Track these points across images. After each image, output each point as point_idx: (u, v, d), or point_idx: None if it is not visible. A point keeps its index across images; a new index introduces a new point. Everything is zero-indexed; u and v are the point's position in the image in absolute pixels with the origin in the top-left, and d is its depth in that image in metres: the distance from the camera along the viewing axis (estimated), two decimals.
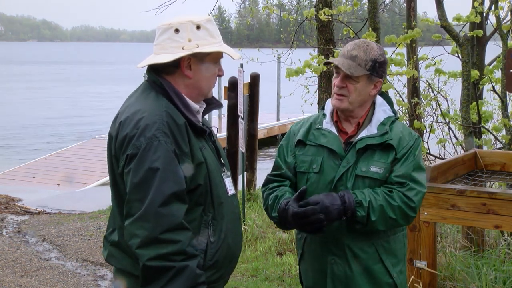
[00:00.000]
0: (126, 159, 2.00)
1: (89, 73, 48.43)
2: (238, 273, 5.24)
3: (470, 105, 5.73)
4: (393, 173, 2.36)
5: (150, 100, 2.11)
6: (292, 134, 2.57)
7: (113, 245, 2.16)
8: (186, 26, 2.11)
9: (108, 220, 2.28)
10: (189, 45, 2.10)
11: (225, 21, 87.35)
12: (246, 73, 6.66)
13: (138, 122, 2.02)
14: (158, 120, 2.02)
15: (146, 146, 1.97)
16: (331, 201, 2.27)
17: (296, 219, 2.29)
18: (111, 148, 2.12)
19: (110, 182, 2.16)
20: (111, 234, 2.19)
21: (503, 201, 3.30)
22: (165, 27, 2.14)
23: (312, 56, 6.65)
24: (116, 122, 2.13)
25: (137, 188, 1.96)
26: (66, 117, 22.50)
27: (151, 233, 1.92)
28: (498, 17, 6.57)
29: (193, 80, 2.16)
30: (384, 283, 2.41)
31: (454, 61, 6.82)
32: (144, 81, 2.24)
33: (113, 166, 2.11)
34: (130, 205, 1.98)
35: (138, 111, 2.06)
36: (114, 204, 2.16)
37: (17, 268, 5.61)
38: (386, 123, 2.43)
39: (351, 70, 2.36)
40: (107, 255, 2.19)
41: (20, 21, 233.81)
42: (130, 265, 2.09)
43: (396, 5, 29.93)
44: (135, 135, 2.00)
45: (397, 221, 2.34)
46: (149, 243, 1.92)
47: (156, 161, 1.96)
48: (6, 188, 9.58)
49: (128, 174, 1.99)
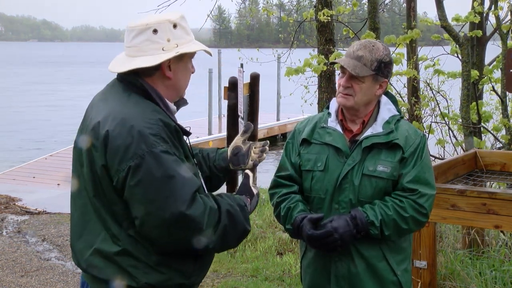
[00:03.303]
0: (129, 171, 1.90)
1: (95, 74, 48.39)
2: (238, 273, 5.24)
3: (470, 105, 5.74)
4: (404, 178, 2.36)
5: (132, 103, 2.01)
6: (298, 133, 2.58)
7: (96, 254, 2.02)
8: (164, 25, 2.05)
9: (73, 228, 2.13)
10: (168, 45, 2.05)
11: (225, 21, 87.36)
12: (246, 73, 6.66)
13: (130, 130, 1.91)
14: (153, 125, 1.94)
15: (150, 155, 1.89)
16: (344, 227, 2.30)
17: (311, 241, 2.36)
18: (92, 157, 1.98)
19: (89, 193, 2.02)
20: (88, 244, 2.05)
21: (503, 201, 3.30)
22: (141, 27, 2.04)
23: (312, 56, 6.65)
24: (92, 128, 2.00)
25: (155, 199, 1.89)
26: (66, 117, 22.48)
27: (188, 235, 1.93)
28: (498, 17, 6.58)
29: (173, 81, 2.10)
30: (388, 281, 2.41)
31: (453, 61, 6.82)
32: (115, 82, 2.12)
33: (94, 176, 1.98)
34: (149, 215, 1.90)
35: (125, 118, 1.95)
36: (93, 213, 2.03)
37: (17, 268, 5.61)
38: (391, 122, 2.44)
39: (357, 70, 2.37)
40: (87, 266, 2.04)
41: (20, 21, 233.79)
42: (112, 274, 2.00)
43: (396, 5, 29.93)
44: (132, 143, 1.90)
45: (410, 229, 2.39)
46: (198, 234, 1.93)
47: (169, 169, 1.90)
48: (6, 188, 9.57)
49: (137, 186, 1.90)
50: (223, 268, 5.35)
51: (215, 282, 5.04)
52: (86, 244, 2.05)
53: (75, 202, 2.13)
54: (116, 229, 1.99)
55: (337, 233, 2.29)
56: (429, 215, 2.40)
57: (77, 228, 2.10)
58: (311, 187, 2.47)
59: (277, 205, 2.54)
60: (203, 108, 14.87)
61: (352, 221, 2.31)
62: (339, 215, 2.35)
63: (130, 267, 1.99)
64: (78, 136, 2.12)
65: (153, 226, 1.92)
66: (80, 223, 2.09)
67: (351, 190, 2.39)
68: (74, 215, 2.13)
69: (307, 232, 2.34)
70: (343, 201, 2.40)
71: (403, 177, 2.36)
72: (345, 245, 2.34)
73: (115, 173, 1.93)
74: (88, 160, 2.00)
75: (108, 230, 2.00)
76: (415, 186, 2.35)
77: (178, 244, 1.98)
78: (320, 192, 2.44)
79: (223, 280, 5.08)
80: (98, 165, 1.96)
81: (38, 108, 25.13)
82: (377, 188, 2.37)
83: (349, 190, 2.39)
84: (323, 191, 2.43)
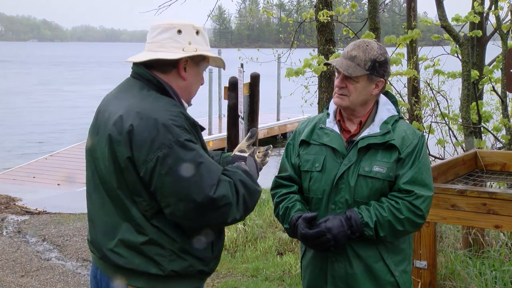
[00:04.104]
0: (157, 161, 1.98)
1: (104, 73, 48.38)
2: (238, 273, 5.24)
3: (470, 105, 5.74)
4: (400, 179, 2.36)
5: (152, 98, 2.09)
6: (298, 134, 2.60)
7: (120, 245, 2.09)
8: (189, 29, 2.17)
9: (92, 223, 2.20)
10: (189, 47, 2.16)
11: (225, 21, 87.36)
12: (246, 73, 6.66)
13: (155, 123, 1.99)
14: (176, 117, 2.03)
15: (177, 143, 1.98)
16: (338, 227, 2.31)
17: (305, 240, 2.38)
18: (114, 151, 2.05)
19: (113, 185, 2.09)
20: (110, 235, 2.12)
21: (503, 201, 3.30)
22: (166, 26, 2.16)
23: (312, 56, 6.65)
24: (113, 124, 2.06)
25: (186, 185, 1.98)
26: (67, 118, 22.50)
27: (217, 221, 2.05)
28: (498, 17, 6.58)
29: (187, 83, 2.20)
30: (385, 282, 2.41)
31: (454, 61, 6.82)
32: (131, 80, 2.20)
33: (117, 169, 2.06)
34: (182, 201, 1.99)
35: (148, 112, 2.02)
36: (114, 205, 2.10)
37: (17, 268, 5.62)
38: (389, 122, 2.44)
39: (349, 70, 2.37)
40: (112, 256, 2.11)
41: (20, 21, 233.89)
42: (139, 263, 2.08)
43: (396, 5, 29.96)
44: (158, 135, 1.98)
45: (407, 231, 2.38)
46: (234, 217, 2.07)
47: (196, 155, 2.00)
48: (6, 188, 9.58)
49: (167, 174, 1.98)
50: (223, 268, 5.35)
51: (215, 282, 5.05)
52: (108, 236, 2.12)
53: (91, 198, 2.21)
54: (140, 219, 2.07)
55: (330, 233, 2.30)
56: (425, 216, 2.39)
57: (97, 222, 2.17)
58: (309, 188, 2.48)
59: (276, 205, 2.56)
60: (203, 108, 14.88)
61: (346, 222, 2.32)
62: (334, 215, 2.35)
63: (156, 256, 2.07)
64: (92, 134, 2.19)
65: (187, 212, 2.01)
66: (99, 217, 2.16)
67: (347, 191, 2.39)
68: (92, 210, 2.21)
69: (301, 231, 2.36)
70: (339, 201, 2.40)
71: (400, 178, 2.36)
72: (339, 246, 2.34)
73: (142, 164, 2.00)
74: (110, 154, 2.07)
75: (131, 220, 2.07)
76: (411, 187, 2.34)
77: (212, 224, 2.09)
78: (317, 193, 2.45)
79: (223, 280, 5.08)
80: (122, 158, 2.04)
81: (38, 109, 25.14)
82: (373, 189, 2.37)
83: (345, 190, 2.39)
84: (321, 191, 2.44)
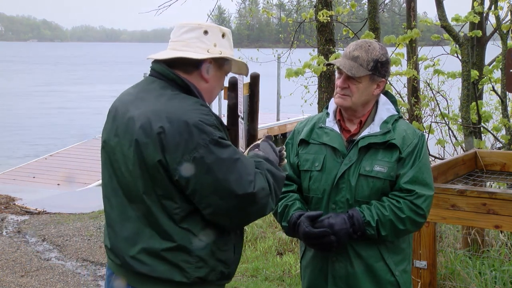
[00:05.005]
0: (194, 161, 1.93)
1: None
2: (238, 273, 5.24)
3: (470, 105, 5.74)
4: (401, 178, 2.36)
5: (179, 98, 2.04)
6: (297, 133, 2.60)
7: (143, 252, 2.02)
8: (215, 31, 2.15)
9: (111, 228, 2.13)
10: (214, 49, 2.13)
11: (225, 21, 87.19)
12: None
13: (186, 124, 1.94)
14: (206, 116, 1.99)
15: (212, 142, 1.95)
16: (341, 224, 2.31)
17: (307, 239, 2.36)
18: (142, 154, 1.98)
19: (139, 190, 2.01)
20: (132, 242, 2.05)
21: (503, 201, 3.30)
22: (193, 26, 2.13)
23: (312, 57, 6.66)
24: (140, 127, 1.99)
25: (226, 184, 1.96)
26: (67, 118, 22.50)
27: (261, 209, 2.03)
28: (498, 17, 6.58)
29: (208, 85, 2.16)
30: (386, 281, 2.41)
31: (453, 61, 6.82)
32: (152, 79, 2.14)
33: (145, 173, 1.98)
34: (223, 199, 1.97)
35: (178, 113, 1.97)
36: (136, 211, 2.03)
37: (17, 268, 5.61)
38: (389, 122, 2.44)
39: (353, 71, 2.37)
40: (135, 264, 2.04)
41: (20, 21, 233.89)
42: (163, 271, 2.02)
43: (396, 5, 29.96)
44: (191, 136, 1.93)
45: (408, 230, 2.38)
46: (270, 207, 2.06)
47: (232, 152, 1.98)
48: (6, 188, 9.58)
49: (207, 174, 1.94)
50: None
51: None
52: (130, 242, 2.05)
53: (110, 202, 2.14)
54: (168, 224, 2.00)
55: (333, 231, 2.30)
56: (426, 216, 2.39)
57: (117, 228, 2.10)
58: (309, 187, 2.48)
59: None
60: None
61: (349, 220, 2.32)
62: (337, 214, 2.36)
63: (182, 262, 2.01)
64: (109, 135, 2.12)
65: (229, 209, 1.99)
66: (120, 222, 2.09)
67: (348, 190, 2.39)
68: (111, 215, 2.13)
69: (304, 229, 2.35)
70: (340, 201, 2.40)
71: (401, 178, 2.36)
72: (341, 245, 2.34)
73: (177, 166, 1.95)
74: (137, 158, 2.00)
75: (156, 226, 2.01)
76: (412, 186, 2.35)
77: (252, 218, 2.09)
78: (317, 192, 2.45)
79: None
80: (152, 162, 1.96)
81: (38, 109, 25.14)
82: (374, 188, 2.37)
83: (346, 190, 2.39)
84: (321, 191, 2.44)
